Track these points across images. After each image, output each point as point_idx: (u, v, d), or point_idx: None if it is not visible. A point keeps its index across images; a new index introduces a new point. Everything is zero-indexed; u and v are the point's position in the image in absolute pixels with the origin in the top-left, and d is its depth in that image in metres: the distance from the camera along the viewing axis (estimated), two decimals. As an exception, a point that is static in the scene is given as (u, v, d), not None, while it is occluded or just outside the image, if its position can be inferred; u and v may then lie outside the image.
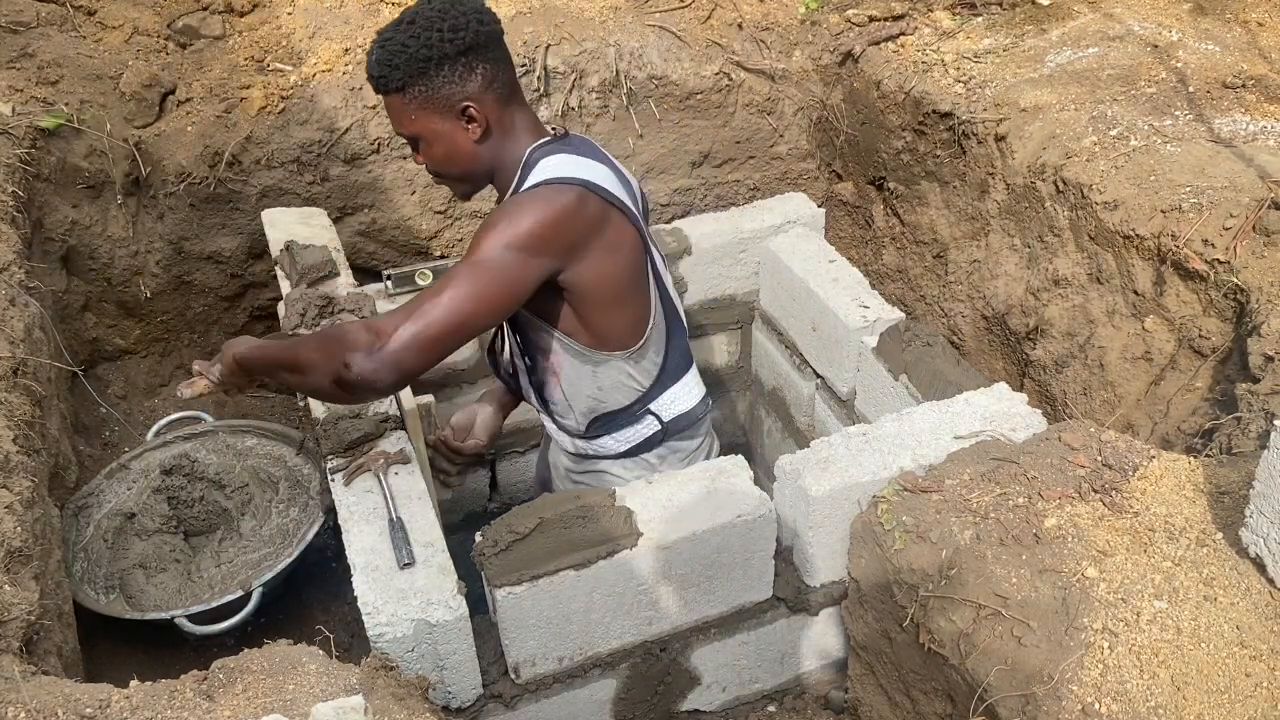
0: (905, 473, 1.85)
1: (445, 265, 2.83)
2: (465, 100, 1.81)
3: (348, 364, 1.64)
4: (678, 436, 2.15)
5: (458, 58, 1.79)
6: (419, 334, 1.67)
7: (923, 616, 1.66)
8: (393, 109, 1.86)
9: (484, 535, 1.80)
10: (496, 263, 1.73)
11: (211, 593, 2.21)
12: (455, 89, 1.80)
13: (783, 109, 3.35)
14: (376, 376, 1.65)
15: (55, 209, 2.70)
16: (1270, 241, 2.09)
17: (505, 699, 1.88)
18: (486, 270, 1.72)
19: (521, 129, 1.91)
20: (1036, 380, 2.59)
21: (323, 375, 1.68)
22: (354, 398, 1.80)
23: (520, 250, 1.74)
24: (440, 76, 1.79)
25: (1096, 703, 1.37)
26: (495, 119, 1.86)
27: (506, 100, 1.88)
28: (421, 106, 1.81)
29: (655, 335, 2.04)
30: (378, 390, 1.70)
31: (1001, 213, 2.73)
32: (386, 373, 1.65)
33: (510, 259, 1.74)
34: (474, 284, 1.71)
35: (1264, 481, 1.43)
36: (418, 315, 1.68)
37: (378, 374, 1.65)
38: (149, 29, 3.14)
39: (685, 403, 2.13)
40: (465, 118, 1.83)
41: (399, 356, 1.65)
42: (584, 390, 2.05)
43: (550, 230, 1.76)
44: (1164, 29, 2.94)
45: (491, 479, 3.22)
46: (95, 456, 2.64)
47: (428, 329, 1.68)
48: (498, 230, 1.74)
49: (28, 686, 1.39)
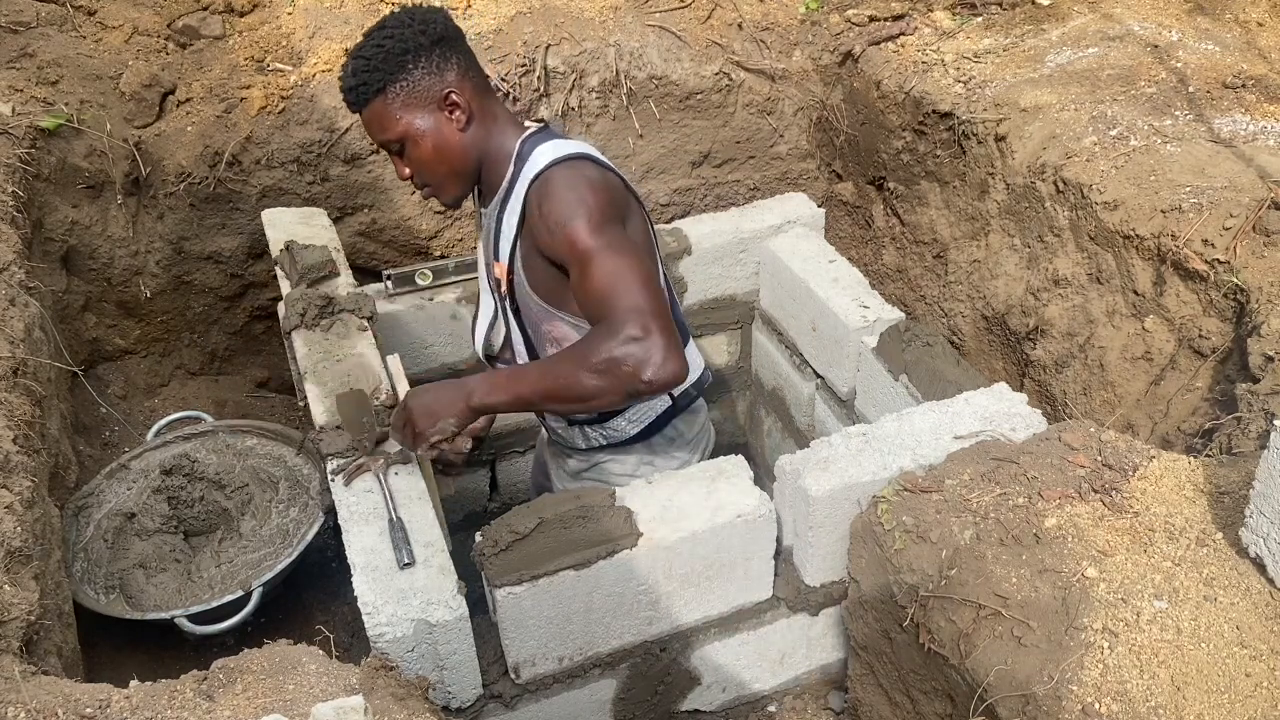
0: (905, 473, 1.85)
1: (445, 265, 2.83)
2: (446, 88, 1.85)
3: (645, 379, 1.69)
4: (684, 413, 2.18)
5: (432, 48, 1.84)
6: (653, 310, 1.71)
7: (923, 616, 1.66)
8: (375, 116, 1.87)
9: (484, 535, 1.80)
10: (610, 238, 1.78)
11: (211, 593, 2.21)
12: (434, 79, 1.84)
13: (783, 109, 3.35)
14: (671, 369, 1.70)
15: (55, 209, 2.70)
16: (1270, 241, 2.09)
17: (505, 699, 1.88)
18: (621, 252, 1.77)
19: (504, 120, 1.94)
20: (1036, 380, 2.59)
21: (616, 396, 1.74)
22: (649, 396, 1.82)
23: (610, 223, 1.80)
24: (419, 69, 1.83)
25: (1096, 703, 1.37)
26: (477, 106, 1.89)
27: (485, 90, 1.93)
28: (405, 103, 1.84)
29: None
30: (679, 381, 1.73)
31: (1001, 213, 2.73)
32: (675, 362, 1.70)
33: (614, 233, 1.79)
34: (620, 256, 1.76)
35: (1264, 481, 1.43)
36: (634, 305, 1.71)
37: (671, 367, 1.69)
38: (149, 29, 3.14)
39: (690, 376, 2.16)
40: (449, 105, 1.86)
41: (670, 340, 1.70)
42: None
43: (607, 202, 1.83)
44: (1164, 29, 2.94)
45: (491, 479, 3.22)
46: (95, 456, 2.64)
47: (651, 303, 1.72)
48: (579, 225, 1.78)
49: (28, 686, 1.39)
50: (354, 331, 2.27)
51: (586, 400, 1.76)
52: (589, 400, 1.76)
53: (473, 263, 2.86)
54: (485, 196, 1.99)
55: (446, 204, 2.01)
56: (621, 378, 1.70)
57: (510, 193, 1.91)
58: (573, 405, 1.82)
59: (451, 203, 2.00)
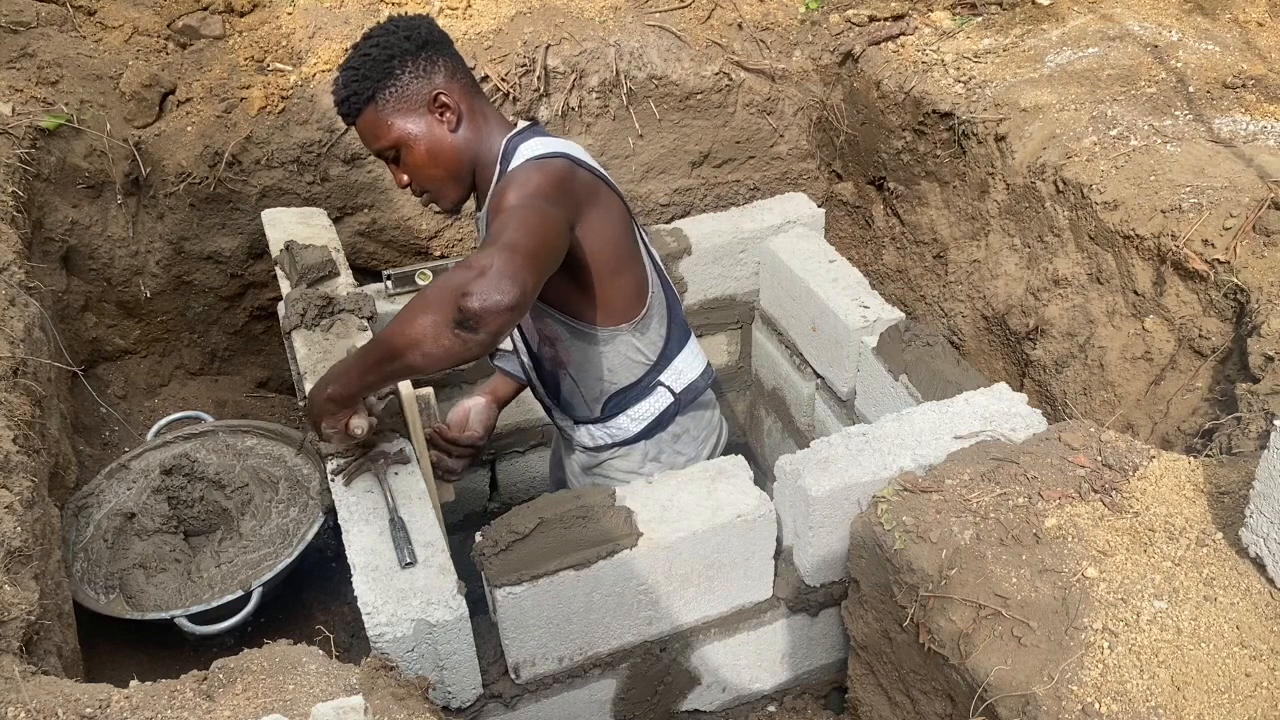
0: (905, 473, 1.85)
1: (445, 265, 2.83)
2: (434, 90, 1.87)
3: (467, 295, 1.53)
4: (691, 408, 2.19)
5: (418, 53, 1.86)
6: (518, 246, 1.58)
7: (923, 616, 1.66)
8: (368, 125, 1.88)
9: (484, 535, 1.81)
10: (531, 204, 1.72)
11: (211, 593, 2.21)
12: (423, 82, 1.86)
13: (783, 109, 3.35)
14: (501, 290, 1.53)
15: (55, 209, 2.70)
16: (1270, 241, 2.09)
17: (505, 699, 1.88)
18: (528, 208, 1.70)
19: (493, 121, 1.96)
20: (1036, 380, 2.59)
21: (441, 331, 1.57)
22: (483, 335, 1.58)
23: (544, 199, 1.75)
24: (407, 73, 1.85)
25: (1096, 703, 1.37)
26: (467, 106, 1.91)
27: (474, 91, 1.95)
28: (396, 109, 1.86)
29: (656, 304, 2.09)
30: (507, 306, 1.54)
31: (1001, 213, 2.73)
32: (509, 286, 1.53)
33: (540, 204, 1.73)
34: (529, 213, 1.69)
35: (1264, 481, 1.43)
36: (504, 240, 1.59)
37: (501, 287, 1.53)
38: (149, 29, 3.14)
39: (692, 372, 2.17)
40: (438, 107, 1.88)
41: (512, 268, 1.55)
42: (593, 374, 2.08)
43: (556, 187, 1.80)
44: (1164, 29, 2.94)
45: (491, 479, 3.22)
46: (95, 456, 2.64)
47: (525, 241, 1.60)
48: (513, 191, 1.74)
49: (28, 686, 1.39)
50: (354, 331, 2.27)
51: (415, 347, 1.59)
52: (417, 347, 1.59)
53: (472, 263, 2.86)
54: (478, 200, 2.01)
55: (446, 209, 2.00)
56: (446, 306, 1.55)
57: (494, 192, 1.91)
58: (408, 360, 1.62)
59: (451, 208, 2.00)
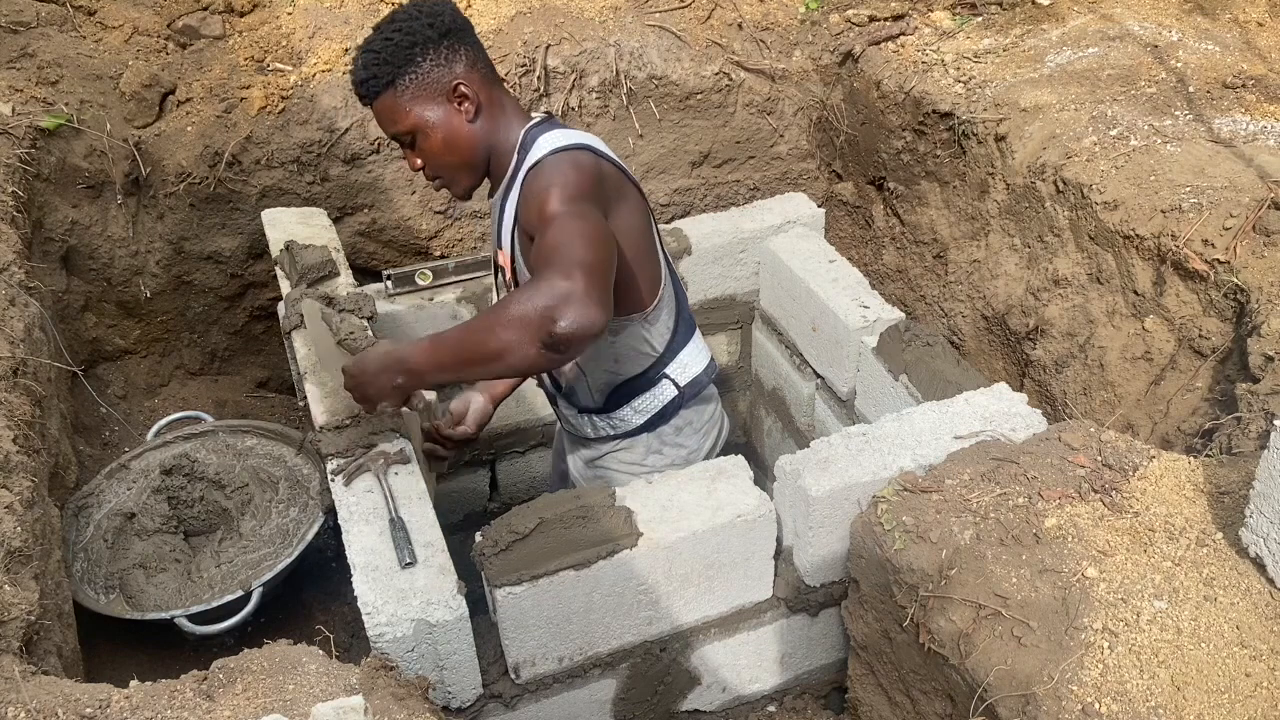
0: (905, 473, 1.85)
1: (445, 265, 2.83)
2: (454, 79, 1.86)
3: (555, 320, 1.57)
4: (694, 401, 2.19)
5: (440, 40, 1.85)
6: (594, 267, 1.61)
7: (923, 616, 1.66)
8: (385, 108, 1.88)
9: (484, 535, 1.80)
10: (582, 211, 1.72)
11: (211, 593, 2.21)
12: (443, 71, 1.86)
13: (783, 109, 3.35)
14: (589, 317, 1.58)
15: (55, 209, 2.70)
16: (1270, 241, 2.09)
17: (505, 699, 1.88)
18: (583, 218, 1.70)
19: (511, 111, 1.96)
20: (1036, 380, 2.59)
21: (528, 347, 1.62)
22: (568, 354, 1.68)
23: (588, 201, 1.75)
24: (428, 61, 1.84)
25: (1096, 703, 1.37)
26: (486, 97, 1.91)
27: (493, 81, 1.94)
28: (414, 95, 1.85)
29: (667, 296, 2.10)
30: (595, 331, 1.60)
31: (1001, 213, 2.73)
32: (596, 310, 1.58)
33: (589, 209, 1.74)
34: (587, 225, 1.69)
35: (1264, 481, 1.43)
36: (578, 259, 1.61)
37: (589, 314, 1.58)
38: (149, 29, 3.14)
39: (696, 366, 2.18)
40: (457, 97, 1.87)
41: (597, 292, 1.60)
42: (601, 365, 2.09)
43: (589, 183, 1.79)
44: (1163, 29, 2.94)
45: (491, 479, 3.22)
46: (95, 456, 2.64)
47: (596, 259, 1.63)
48: (555, 194, 1.74)
49: (28, 686, 1.39)
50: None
51: (500, 358, 1.65)
52: (502, 358, 1.65)
53: (472, 263, 2.86)
54: (492, 186, 2.01)
55: (458, 195, 2.01)
56: (533, 327, 1.59)
57: (513, 181, 1.92)
58: (491, 366, 1.70)
59: (463, 194, 2.01)
